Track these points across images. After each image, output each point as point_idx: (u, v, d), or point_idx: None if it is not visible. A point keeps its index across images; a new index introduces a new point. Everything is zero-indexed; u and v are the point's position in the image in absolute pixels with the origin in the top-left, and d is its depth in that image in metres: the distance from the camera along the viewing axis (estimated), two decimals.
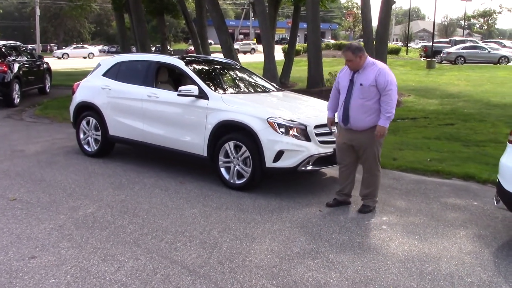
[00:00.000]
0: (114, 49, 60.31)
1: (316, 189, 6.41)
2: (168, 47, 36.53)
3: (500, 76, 25.41)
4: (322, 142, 6.09)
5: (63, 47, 67.85)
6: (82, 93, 8.04)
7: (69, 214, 5.20)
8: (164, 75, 7.61)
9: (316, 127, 6.08)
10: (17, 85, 13.66)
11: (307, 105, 6.98)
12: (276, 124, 5.94)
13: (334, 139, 6.22)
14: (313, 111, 6.60)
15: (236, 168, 6.24)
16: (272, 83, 8.01)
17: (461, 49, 35.18)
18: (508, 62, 35.34)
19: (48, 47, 71.81)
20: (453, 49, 35.53)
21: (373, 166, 5.55)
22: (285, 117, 6.03)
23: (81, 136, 8.01)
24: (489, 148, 9.51)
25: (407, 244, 4.69)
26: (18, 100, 13.79)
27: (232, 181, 6.28)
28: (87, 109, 7.91)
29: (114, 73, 7.75)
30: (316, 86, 18.55)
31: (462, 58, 34.05)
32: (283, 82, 19.25)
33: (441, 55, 35.47)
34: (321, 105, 6.98)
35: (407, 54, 43.84)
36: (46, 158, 7.70)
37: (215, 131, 6.33)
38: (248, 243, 4.59)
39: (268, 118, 5.97)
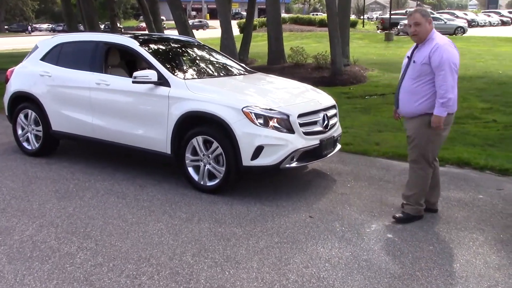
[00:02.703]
0: (61, 28, 57.30)
1: (300, 188, 5.53)
2: (118, 25, 34.61)
3: (458, 47, 25.11)
4: (306, 134, 5.19)
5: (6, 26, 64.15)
6: (18, 81, 6.81)
7: (0, 241, 4.11)
8: (115, 58, 6.47)
9: (300, 116, 5.16)
10: None
11: (287, 89, 6.01)
12: (253, 114, 4.98)
13: (320, 128, 5.34)
14: (295, 97, 5.66)
15: (206, 168, 5.26)
16: (241, 64, 6.97)
17: None
18: (464, 32, 35.39)
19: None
20: None
21: (416, 162, 4.55)
22: (263, 106, 5.08)
23: (19, 132, 6.81)
24: (469, 125, 8.93)
25: (424, 260, 3.86)
26: None
27: (202, 182, 5.31)
28: (25, 100, 6.69)
29: (55, 56, 6.54)
30: (277, 63, 17.69)
31: None
32: (242, 59, 18.25)
33: (398, 27, 35.12)
34: (304, 89, 6.05)
35: (363, 26, 43.35)
36: None
37: (180, 124, 5.32)
38: (231, 270, 3.66)
39: (244, 107, 5.00)
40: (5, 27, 71.05)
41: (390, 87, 13.55)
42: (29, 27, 68.06)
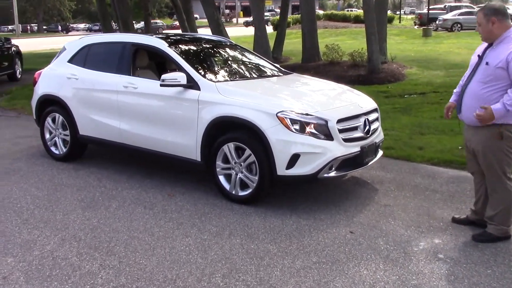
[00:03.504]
0: (97, 27, 58.05)
1: (339, 198, 5.13)
2: (158, 21, 34.65)
3: None
4: (346, 140, 4.78)
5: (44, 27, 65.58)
6: (45, 83, 6.61)
7: (19, 256, 3.86)
8: (143, 59, 6.20)
9: (340, 121, 4.76)
10: None
11: (324, 92, 5.60)
12: (288, 120, 4.61)
13: (360, 134, 4.93)
14: (333, 100, 5.26)
15: (238, 176, 4.92)
16: (275, 64, 6.59)
17: (458, 15, 33.73)
18: None
19: (28, 27, 69.20)
20: (449, 16, 34.08)
21: (493, 179, 4.04)
22: (299, 110, 4.70)
23: (47, 136, 6.62)
24: None
25: (481, 286, 3.42)
26: None
27: (234, 192, 4.98)
28: (52, 104, 6.50)
29: (82, 58, 6.32)
30: (312, 61, 17.22)
31: (458, 25, 32.65)
32: (276, 57, 17.87)
33: (437, 22, 34.05)
34: (343, 92, 5.64)
35: (400, 22, 42.31)
36: (3, 165, 6.31)
37: (210, 130, 4.99)
38: None
39: (278, 112, 4.63)
40: (44, 27, 72.45)
41: (430, 85, 12.99)
42: (60, 26, 68.88)
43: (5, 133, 8.22)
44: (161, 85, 5.20)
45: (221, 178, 5.05)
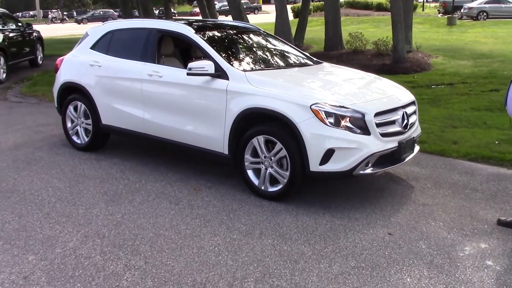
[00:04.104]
0: (117, 13, 57.93)
1: (373, 195, 4.86)
2: (172, 10, 34.43)
3: None
4: (383, 135, 4.50)
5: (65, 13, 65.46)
6: (67, 70, 6.41)
7: (41, 253, 3.67)
8: (168, 47, 5.95)
9: (377, 114, 4.47)
10: (1, 58, 12.00)
11: (361, 83, 5.30)
12: (323, 112, 4.33)
13: (398, 128, 4.64)
14: (370, 92, 4.95)
15: (268, 171, 4.68)
16: (305, 53, 6.28)
17: (484, 3, 32.79)
18: None
19: (49, 13, 69.29)
20: (474, 4, 33.14)
21: None
22: (334, 103, 4.42)
23: (69, 124, 6.44)
24: None
25: None
26: (4, 75, 12.13)
27: (263, 187, 4.73)
28: (74, 91, 6.30)
29: (105, 45, 6.09)
30: (334, 49, 16.85)
31: (484, 13, 31.78)
32: (297, 45, 17.44)
33: (462, 10, 33.16)
34: (381, 83, 5.34)
35: (423, 10, 41.40)
36: (25, 154, 6.16)
37: (239, 122, 4.74)
38: None
39: (313, 104, 4.36)
40: (64, 13, 72.58)
41: (457, 75, 12.59)
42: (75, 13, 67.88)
43: (26, 120, 8.07)
44: (188, 74, 4.95)
45: (250, 173, 4.81)
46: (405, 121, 4.75)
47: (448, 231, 4.08)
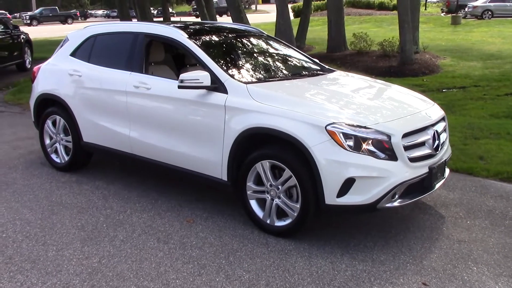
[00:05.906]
0: (115, 13, 57.10)
1: (398, 228, 4.12)
2: (170, 10, 33.72)
3: None
4: (412, 160, 3.76)
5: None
6: (44, 80, 5.68)
7: None
8: (158, 53, 5.21)
9: (405, 135, 3.74)
10: None
11: (384, 97, 4.55)
12: (341, 134, 3.60)
13: (428, 151, 3.90)
14: (396, 108, 4.18)
15: (275, 202, 3.94)
16: (315, 60, 5.51)
17: (488, 2, 32.06)
18: None
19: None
20: (479, 3, 32.39)
21: None
22: (353, 122, 3.68)
23: (47, 141, 5.70)
24: None
25: None
26: None
27: (268, 221, 4.00)
28: (52, 104, 5.57)
29: (86, 51, 5.35)
30: (338, 50, 16.14)
31: (489, 12, 31.05)
32: (298, 46, 16.76)
33: (466, 9, 32.43)
34: (407, 96, 4.60)
35: (425, 9, 40.63)
36: None
37: (240, 143, 4.00)
38: None
39: (328, 125, 3.62)
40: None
41: (469, 78, 11.90)
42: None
43: (5, 133, 7.33)
44: (179, 87, 4.21)
45: (253, 203, 4.07)
46: (436, 142, 4.01)
47: (495, 279, 3.35)
